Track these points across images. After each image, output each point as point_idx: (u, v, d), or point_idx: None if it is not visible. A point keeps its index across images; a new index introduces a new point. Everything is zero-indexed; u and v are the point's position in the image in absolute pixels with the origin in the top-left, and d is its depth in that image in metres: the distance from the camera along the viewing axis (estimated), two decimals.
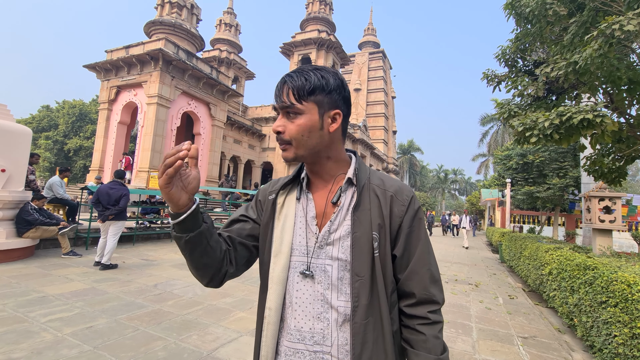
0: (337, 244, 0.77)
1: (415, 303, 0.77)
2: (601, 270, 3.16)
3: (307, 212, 0.81)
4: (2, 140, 5.41)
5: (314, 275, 0.77)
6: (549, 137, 4.15)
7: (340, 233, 0.77)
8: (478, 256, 11.17)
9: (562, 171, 11.85)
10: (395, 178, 0.85)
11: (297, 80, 0.75)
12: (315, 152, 0.79)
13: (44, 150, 31.82)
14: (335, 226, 0.78)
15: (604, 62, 3.68)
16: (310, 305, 0.76)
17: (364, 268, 0.74)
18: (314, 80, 0.76)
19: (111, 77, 14.84)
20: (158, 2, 16.27)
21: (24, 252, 5.52)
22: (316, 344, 0.74)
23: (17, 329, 2.85)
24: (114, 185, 5.59)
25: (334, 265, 0.76)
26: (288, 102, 0.75)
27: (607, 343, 2.77)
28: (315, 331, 0.75)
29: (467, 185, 61.84)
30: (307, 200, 0.83)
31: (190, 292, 4.34)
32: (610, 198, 6.06)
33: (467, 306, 4.71)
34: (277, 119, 0.80)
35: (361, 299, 0.73)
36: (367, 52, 39.67)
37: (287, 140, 0.77)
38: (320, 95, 0.76)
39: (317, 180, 0.84)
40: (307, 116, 0.76)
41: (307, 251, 0.78)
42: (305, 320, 0.76)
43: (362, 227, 0.76)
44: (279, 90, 0.77)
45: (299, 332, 0.76)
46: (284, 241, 0.80)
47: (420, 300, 0.77)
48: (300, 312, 0.77)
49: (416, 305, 0.77)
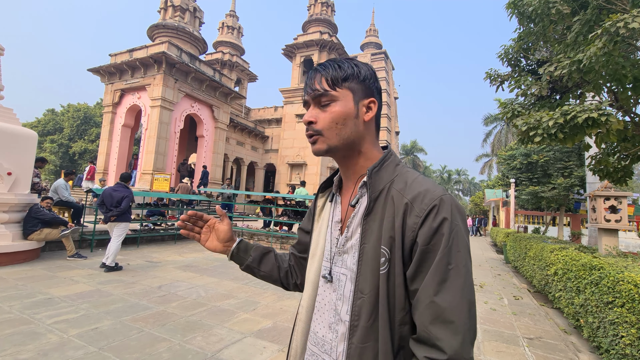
0: (351, 253, 0.71)
1: (416, 339, 0.61)
2: (607, 270, 3.12)
3: (333, 216, 0.79)
4: (9, 143, 5.47)
5: (332, 281, 0.74)
6: (553, 136, 4.12)
7: (353, 241, 0.71)
8: (482, 257, 11.10)
9: (567, 171, 11.75)
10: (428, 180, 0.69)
11: (330, 68, 0.74)
12: (349, 143, 0.74)
13: (49, 154, 32.11)
14: (350, 233, 0.73)
15: (608, 61, 3.65)
16: (327, 313, 0.74)
17: (368, 285, 0.65)
18: (347, 67, 0.74)
19: (115, 81, 14.97)
20: (161, 5, 16.41)
21: (29, 255, 5.56)
22: (325, 353, 0.73)
23: (23, 330, 2.87)
24: (117, 187, 5.64)
25: (347, 275, 0.71)
26: (321, 90, 0.73)
27: (614, 344, 2.74)
28: (326, 340, 0.73)
29: (470, 186, 61.56)
30: (334, 204, 0.81)
31: (194, 293, 4.35)
32: (616, 197, 5.99)
33: None
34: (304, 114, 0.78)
35: (361, 319, 0.65)
36: (369, 54, 39.65)
37: (318, 131, 0.73)
38: (354, 82, 0.74)
39: (346, 181, 0.81)
40: (342, 102, 0.72)
41: (330, 256, 0.76)
42: (322, 326, 0.75)
43: (372, 239, 0.67)
44: (311, 80, 0.75)
45: (315, 335, 0.76)
46: (319, 245, 0.81)
47: (419, 338, 0.60)
48: (319, 316, 0.76)
49: (416, 342, 0.61)
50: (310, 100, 0.75)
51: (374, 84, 0.76)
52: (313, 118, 0.74)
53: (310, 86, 0.75)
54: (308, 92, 0.75)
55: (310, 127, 0.74)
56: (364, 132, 0.75)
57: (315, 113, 0.74)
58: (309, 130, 0.74)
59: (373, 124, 0.77)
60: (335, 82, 0.73)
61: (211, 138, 16.39)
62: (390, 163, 0.74)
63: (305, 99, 0.77)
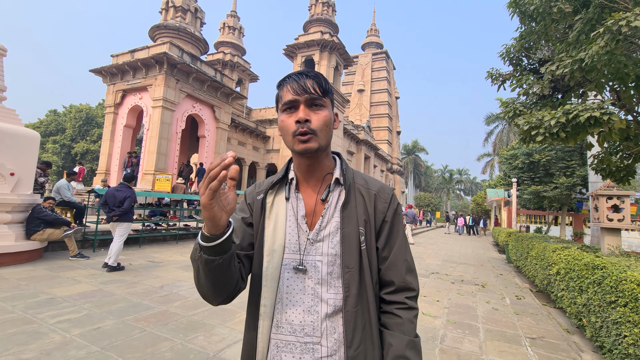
0: (327, 240, 0.82)
1: (395, 290, 0.83)
2: (610, 269, 3.11)
3: (297, 211, 0.85)
4: (11, 144, 5.49)
5: (307, 270, 0.81)
6: (555, 135, 4.11)
7: (329, 229, 0.82)
8: (484, 256, 11.07)
9: (569, 170, 11.72)
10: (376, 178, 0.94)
11: (320, 77, 0.82)
12: (327, 145, 0.85)
13: (52, 154, 32.24)
14: (325, 223, 0.83)
15: (610, 59, 3.64)
16: (301, 300, 0.80)
17: (353, 261, 0.80)
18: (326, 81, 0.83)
19: (117, 81, 15.01)
20: (162, 6, 16.43)
21: (32, 255, 5.59)
22: (307, 336, 0.78)
23: (26, 330, 2.88)
24: (120, 187, 5.67)
25: (323, 260, 0.81)
26: (317, 94, 0.80)
27: (617, 343, 2.73)
28: (306, 324, 0.79)
29: (472, 185, 61.43)
30: (296, 200, 0.86)
31: (196, 293, 4.36)
32: (619, 197, 5.98)
33: (474, 307, 4.67)
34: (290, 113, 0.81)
35: (351, 289, 0.78)
36: (370, 53, 39.65)
37: (314, 130, 0.79)
38: (330, 94, 0.84)
39: (307, 179, 0.87)
40: (327, 110, 0.82)
41: (299, 248, 0.82)
42: (296, 314, 0.80)
43: (350, 224, 0.82)
44: (304, 82, 0.80)
45: (290, 325, 0.80)
46: (277, 240, 0.83)
47: (399, 287, 0.83)
48: (290, 306, 0.80)
49: (395, 292, 0.83)
50: (301, 101, 0.80)
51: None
52: (309, 117, 0.79)
53: (303, 88, 0.79)
54: (300, 93, 0.79)
55: (306, 125, 0.78)
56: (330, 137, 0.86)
57: (308, 113, 0.79)
58: (304, 127, 0.78)
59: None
60: (323, 92, 0.81)
61: (212, 138, 16.41)
62: (347, 165, 0.91)
63: (295, 98, 0.79)
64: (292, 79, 0.81)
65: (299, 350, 0.78)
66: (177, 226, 9.90)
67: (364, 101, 37.29)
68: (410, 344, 0.79)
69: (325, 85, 0.82)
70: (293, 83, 0.80)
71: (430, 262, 9.04)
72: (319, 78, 0.82)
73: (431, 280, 6.47)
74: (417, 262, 8.64)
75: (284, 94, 0.82)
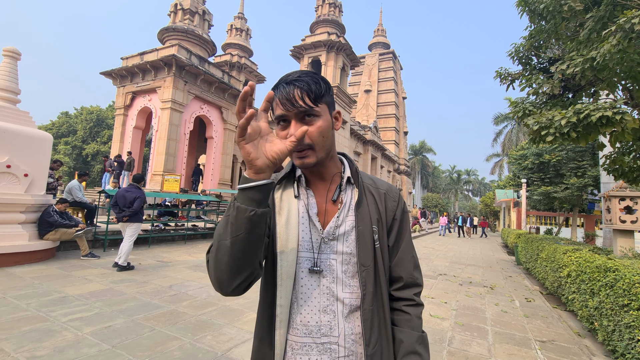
0: (342, 239, 0.81)
1: (403, 286, 0.86)
2: (623, 272, 3.06)
3: (309, 209, 0.82)
4: (25, 146, 5.62)
5: (322, 270, 0.79)
6: (565, 135, 4.04)
7: (344, 228, 0.82)
8: (493, 258, 10.94)
9: (581, 170, 11.50)
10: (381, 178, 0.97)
11: (309, 83, 0.75)
12: (328, 152, 0.81)
13: (63, 155, 32.86)
14: (340, 222, 0.82)
15: (623, 58, 3.58)
16: (316, 300, 0.79)
17: (368, 259, 0.80)
18: (321, 83, 0.78)
19: (126, 83, 15.24)
20: (171, 9, 16.64)
21: (45, 254, 5.71)
22: (324, 336, 0.77)
23: (40, 327, 2.95)
24: (130, 188, 5.75)
25: (338, 259, 0.80)
26: (306, 106, 0.73)
27: (630, 348, 2.68)
28: (322, 324, 0.78)
29: (480, 186, 60.77)
30: (307, 198, 0.83)
31: (204, 293, 4.40)
32: (632, 198, 5.86)
33: (483, 309, 4.62)
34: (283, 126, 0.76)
35: (368, 287, 0.79)
36: (377, 53, 39.52)
37: (310, 145, 0.75)
38: (326, 97, 0.79)
39: (316, 180, 0.86)
40: (324, 117, 0.77)
41: (313, 247, 0.80)
42: (312, 315, 0.78)
43: (364, 222, 0.82)
44: (292, 94, 0.73)
45: (305, 326, 0.78)
46: (290, 237, 0.79)
47: (407, 283, 0.86)
48: (305, 307, 0.78)
49: (403, 288, 0.86)
50: (291, 116, 0.74)
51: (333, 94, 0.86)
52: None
53: (291, 102, 0.73)
54: (289, 108, 0.73)
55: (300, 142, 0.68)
56: (333, 140, 0.83)
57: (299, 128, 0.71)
58: (300, 145, 0.71)
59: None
60: (317, 98, 0.75)
61: (220, 139, 16.54)
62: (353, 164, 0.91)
63: (284, 114, 0.74)
64: (280, 89, 0.75)
65: (315, 352, 0.76)
66: (185, 226, 10.01)
67: (371, 101, 37.17)
68: (419, 340, 0.82)
69: (318, 90, 0.75)
70: (281, 94, 0.74)
71: (438, 263, 8.97)
72: (309, 85, 0.74)
73: (439, 281, 6.42)
74: (425, 264, 8.58)
75: (275, 105, 0.76)
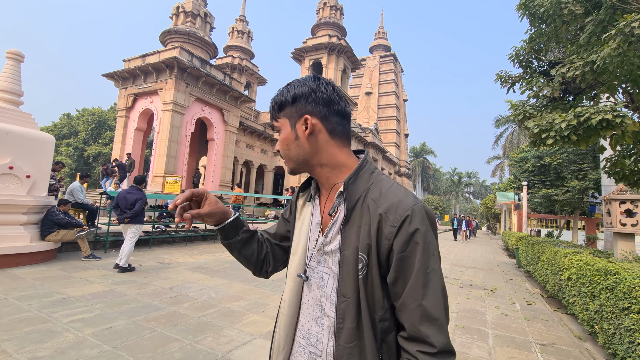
0: (332, 257, 0.75)
1: (407, 338, 0.67)
2: (623, 275, 3.06)
3: (313, 218, 0.84)
4: (27, 147, 5.65)
5: (309, 279, 0.80)
6: (566, 138, 4.05)
7: (331, 247, 0.75)
8: (494, 261, 10.92)
9: (582, 173, 11.50)
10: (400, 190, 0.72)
11: (278, 96, 0.80)
12: (302, 162, 0.79)
13: (65, 157, 32.97)
14: (329, 239, 0.76)
15: (623, 61, 3.59)
16: (311, 308, 0.79)
17: (350, 289, 0.69)
18: (280, 96, 0.79)
19: (128, 85, 15.32)
20: (173, 11, 16.74)
21: (46, 255, 5.72)
22: (311, 345, 0.77)
23: (41, 329, 2.96)
24: (131, 190, 5.77)
25: (330, 275, 0.75)
26: (274, 119, 0.82)
27: (631, 351, 2.67)
28: (312, 333, 0.78)
29: (481, 189, 60.68)
30: (314, 206, 0.85)
31: (205, 295, 4.41)
32: (632, 201, 5.85)
33: (483, 312, 4.61)
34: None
35: (346, 321, 0.69)
36: (378, 56, 39.64)
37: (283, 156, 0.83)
38: (287, 108, 0.78)
39: (321, 187, 0.85)
40: (283, 130, 0.80)
41: (308, 255, 0.82)
42: (308, 320, 0.80)
43: (351, 246, 0.70)
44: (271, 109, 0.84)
45: (302, 328, 0.81)
46: (300, 241, 0.84)
47: (410, 336, 0.66)
48: (305, 311, 0.81)
49: (407, 340, 0.67)
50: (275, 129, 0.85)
51: (309, 98, 0.76)
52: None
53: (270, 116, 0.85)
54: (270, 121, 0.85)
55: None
56: (313, 148, 0.77)
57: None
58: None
59: (323, 137, 0.77)
60: (276, 114, 0.81)
61: (221, 141, 16.59)
62: (365, 172, 0.75)
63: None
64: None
65: (306, 356, 0.78)
66: (185, 228, 10.01)
67: (372, 104, 37.24)
68: None
69: (282, 100, 0.79)
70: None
71: None
72: (277, 98, 0.81)
73: None
74: None
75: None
